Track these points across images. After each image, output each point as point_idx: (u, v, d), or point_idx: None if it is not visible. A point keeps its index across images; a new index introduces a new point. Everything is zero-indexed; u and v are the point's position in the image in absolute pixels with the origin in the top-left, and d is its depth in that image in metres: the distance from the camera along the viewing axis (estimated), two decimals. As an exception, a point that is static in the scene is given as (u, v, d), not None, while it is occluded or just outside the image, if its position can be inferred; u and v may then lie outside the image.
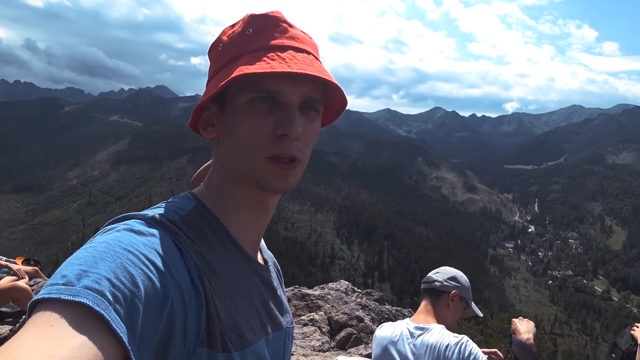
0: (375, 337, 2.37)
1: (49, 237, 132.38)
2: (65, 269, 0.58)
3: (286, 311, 0.98)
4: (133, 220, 0.73)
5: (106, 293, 0.55)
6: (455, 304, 2.37)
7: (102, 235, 0.69)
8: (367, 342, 4.77)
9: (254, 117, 0.79)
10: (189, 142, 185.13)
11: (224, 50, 0.84)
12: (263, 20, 0.83)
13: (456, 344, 2.08)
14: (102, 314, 0.53)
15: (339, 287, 6.35)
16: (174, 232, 0.73)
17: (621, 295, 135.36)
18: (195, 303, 0.69)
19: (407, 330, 2.25)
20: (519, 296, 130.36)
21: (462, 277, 2.46)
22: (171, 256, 0.69)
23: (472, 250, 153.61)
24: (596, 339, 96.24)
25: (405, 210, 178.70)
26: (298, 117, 0.80)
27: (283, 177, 0.81)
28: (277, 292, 0.96)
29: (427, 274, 2.49)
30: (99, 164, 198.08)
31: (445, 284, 2.37)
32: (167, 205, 0.82)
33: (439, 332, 2.16)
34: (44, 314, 0.53)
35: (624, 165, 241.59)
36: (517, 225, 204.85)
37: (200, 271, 0.72)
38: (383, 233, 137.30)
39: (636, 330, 2.91)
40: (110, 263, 0.59)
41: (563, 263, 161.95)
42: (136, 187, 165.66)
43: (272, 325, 0.90)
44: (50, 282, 0.56)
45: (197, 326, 0.69)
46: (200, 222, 0.81)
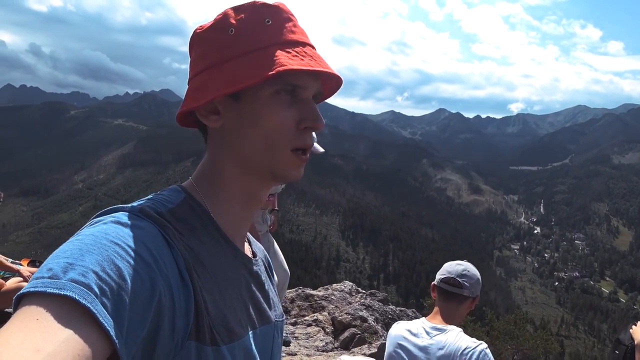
0: (390, 334, 2.33)
1: (55, 241, 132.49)
2: (51, 262, 0.57)
3: (275, 305, 0.97)
4: (121, 213, 0.72)
5: (93, 286, 0.55)
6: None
7: (89, 227, 0.68)
8: (370, 342, 4.78)
9: (278, 108, 0.79)
10: (194, 145, 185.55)
11: (239, 36, 0.81)
12: (277, 11, 0.83)
13: (474, 349, 2.03)
14: (88, 307, 0.53)
15: (343, 287, 6.37)
16: (162, 224, 0.72)
17: (628, 296, 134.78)
18: (184, 296, 0.68)
19: (422, 329, 2.22)
20: (525, 298, 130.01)
21: (479, 275, 2.35)
22: (159, 249, 0.68)
23: (477, 252, 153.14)
24: (603, 341, 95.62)
25: (411, 212, 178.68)
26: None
27: (299, 168, 0.83)
28: (265, 286, 0.95)
29: (445, 273, 2.30)
30: (105, 167, 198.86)
31: (472, 290, 2.29)
32: (155, 197, 0.81)
33: (457, 334, 2.11)
34: (29, 307, 0.52)
35: (630, 165, 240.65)
36: (523, 226, 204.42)
37: (189, 264, 0.71)
38: (388, 235, 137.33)
39: (634, 328, 2.91)
40: (97, 256, 0.59)
41: (569, 264, 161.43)
42: (141, 190, 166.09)
43: (260, 318, 0.89)
44: (36, 276, 0.56)
45: (186, 319, 0.68)
46: (189, 214, 0.80)
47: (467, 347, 2.01)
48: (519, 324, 15.66)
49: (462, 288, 2.26)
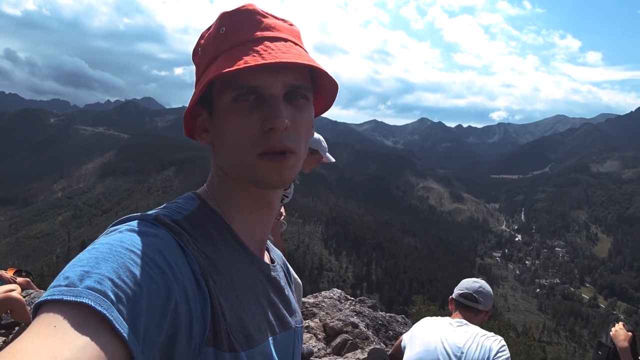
0: (413, 330, 2.66)
1: (34, 251, 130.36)
2: (68, 271, 0.58)
3: (295, 311, 0.97)
4: (136, 221, 0.73)
5: (109, 293, 0.55)
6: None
7: (105, 236, 0.69)
8: (362, 347, 4.82)
9: (239, 115, 0.78)
10: (175, 154, 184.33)
11: (203, 53, 0.84)
12: (235, 16, 0.81)
13: (495, 339, 2.43)
14: (104, 314, 0.53)
15: (332, 295, 6.40)
16: (177, 232, 0.73)
17: (608, 302, 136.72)
18: (200, 302, 0.69)
19: (447, 323, 2.57)
20: (507, 305, 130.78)
21: (492, 292, 2.81)
22: (174, 256, 0.68)
23: (460, 259, 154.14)
24: (584, 346, 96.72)
25: (393, 220, 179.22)
26: (284, 108, 0.78)
27: (278, 172, 0.79)
28: (285, 291, 0.95)
29: (463, 289, 2.75)
30: (85, 176, 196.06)
31: (486, 304, 2.70)
32: (170, 205, 0.82)
33: (478, 328, 2.52)
34: (47, 315, 0.53)
35: (608, 173, 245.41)
36: (504, 234, 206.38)
37: (204, 270, 0.72)
38: (371, 244, 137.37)
39: (613, 331, 3.10)
40: (113, 263, 0.59)
41: (550, 271, 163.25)
42: (122, 199, 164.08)
43: (280, 324, 0.89)
44: (54, 284, 0.57)
45: (203, 326, 0.68)
46: (204, 221, 0.81)
47: (488, 335, 2.47)
48: (502, 331, 15.83)
49: (478, 303, 2.68)
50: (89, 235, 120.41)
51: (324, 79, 0.86)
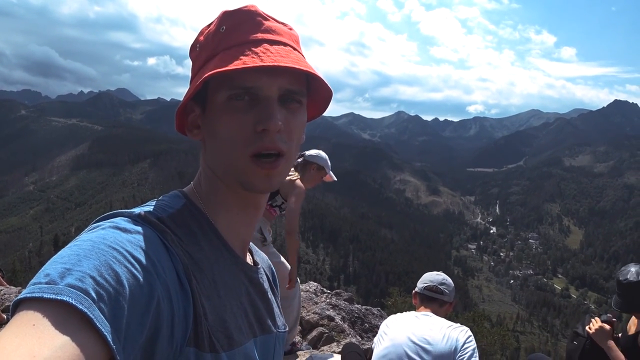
0: (381, 329, 2.75)
1: (5, 246, 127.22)
2: (48, 268, 0.56)
3: (277, 315, 0.97)
4: (119, 218, 0.71)
5: (90, 291, 0.54)
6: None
7: (87, 233, 0.66)
8: (338, 340, 4.78)
9: (232, 115, 0.77)
10: (150, 146, 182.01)
11: (201, 50, 0.83)
12: (236, 16, 0.82)
13: (462, 329, 2.55)
14: (85, 313, 0.52)
15: (308, 288, 6.36)
16: (161, 229, 0.72)
17: (579, 292, 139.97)
18: (182, 302, 0.68)
19: (413, 316, 2.68)
20: (482, 296, 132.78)
21: (453, 284, 2.95)
22: (157, 254, 0.67)
23: (436, 251, 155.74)
24: (556, 336, 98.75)
25: (370, 213, 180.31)
26: (278, 110, 0.77)
27: (267, 177, 0.79)
28: (267, 295, 0.94)
29: (427, 282, 2.88)
30: (58, 169, 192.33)
31: (450, 296, 2.84)
32: (155, 203, 0.81)
33: (444, 320, 2.63)
34: (26, 313, 0.52)
35: (580, 167, 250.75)
36: (480, 226, 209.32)
37: (188, 269, 0.71)
38: (348, 236, 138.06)
39: (591, 327, 3.04)
40: (95, 261, 0.58)
41: (524, 263, 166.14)
42: (96, 192, 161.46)
43: (261, 327, 0.88)
44: (33, 282, 0.55)
45: (184, 325, 0.67)
46: (189, 220, 0.80)
47: (453, 325, 2.58)
48: (477, 321, 16.07)
49: (442, 294, 2.81)
50: (62, 229, 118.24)
51: (319, 86, 0.86)
